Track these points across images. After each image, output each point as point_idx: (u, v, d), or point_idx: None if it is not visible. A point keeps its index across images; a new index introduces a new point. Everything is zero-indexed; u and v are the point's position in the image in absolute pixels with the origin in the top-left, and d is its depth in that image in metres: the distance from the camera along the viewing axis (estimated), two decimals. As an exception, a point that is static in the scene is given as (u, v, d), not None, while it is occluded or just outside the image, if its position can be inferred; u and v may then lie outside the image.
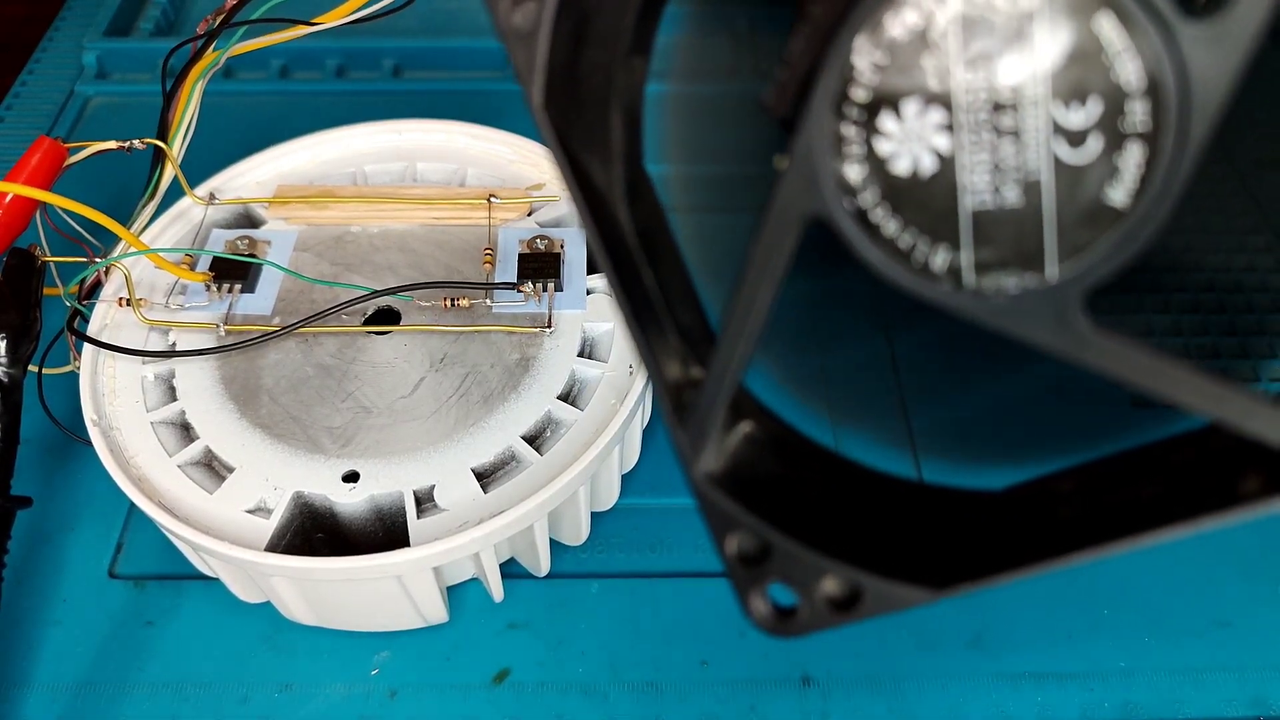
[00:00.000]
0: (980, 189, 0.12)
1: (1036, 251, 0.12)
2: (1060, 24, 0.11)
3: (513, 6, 0.15)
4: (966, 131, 0.12)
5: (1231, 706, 0.26)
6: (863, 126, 0.13)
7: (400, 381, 0.27)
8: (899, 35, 0.12)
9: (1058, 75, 0.12)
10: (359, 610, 0.26)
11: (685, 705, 0.26)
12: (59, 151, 0.29)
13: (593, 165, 0.16)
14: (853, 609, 0.15)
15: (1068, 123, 0.12)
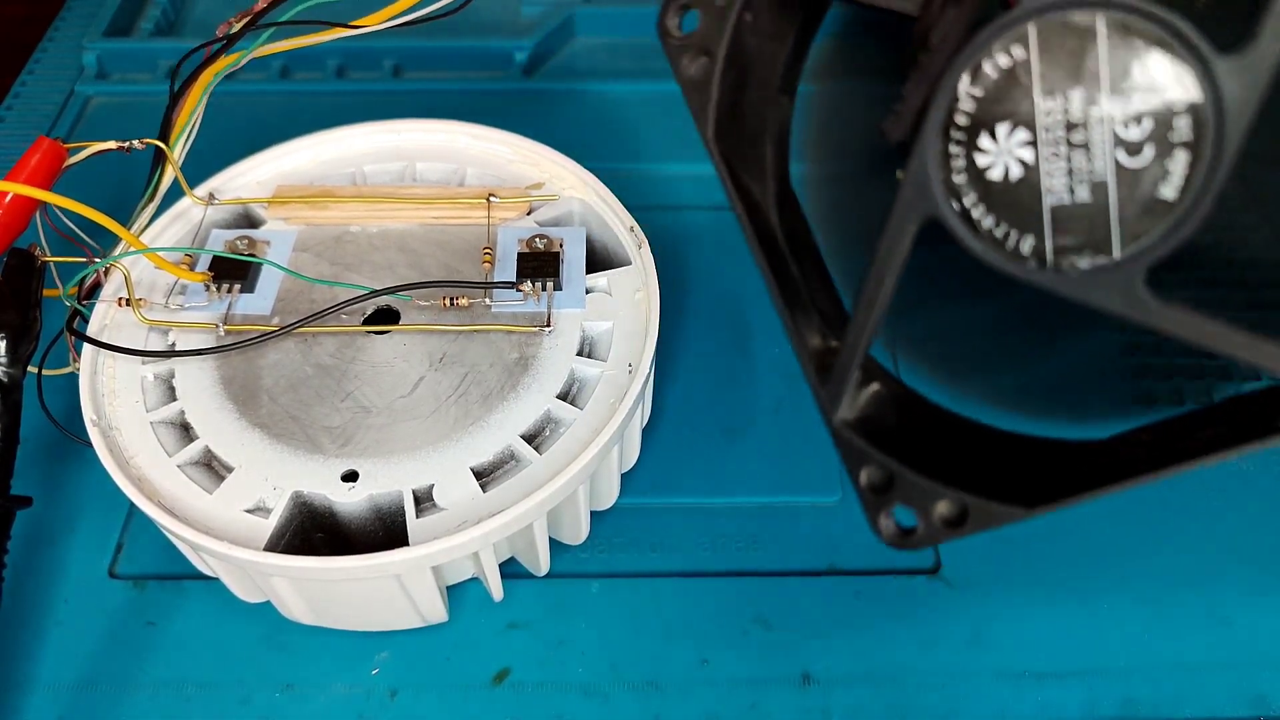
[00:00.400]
0: (1058, 190, 0.16)
1: (1105, 237, 0.15)
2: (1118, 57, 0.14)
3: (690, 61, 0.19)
4: (1046, 146, 0.15)
5: (1231, 704, 0.26)
6: (964, 145, 0.16)
7: (399, 381, 0.27)
8: (991, 74, 0.15)
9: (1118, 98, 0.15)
10: (359, 610, 0.26)
11: (685, 705, 0.26)
12: (59, 152, 0.29)
13: (750, 182, 0.20)
14: (961, 526, 0.18)
15: (1127, 136, 0.15)
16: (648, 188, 0.39)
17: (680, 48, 0.20)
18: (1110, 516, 0.30)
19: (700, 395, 0.33)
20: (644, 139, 0.41)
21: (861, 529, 0.30)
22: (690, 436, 0.32)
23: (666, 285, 0.29)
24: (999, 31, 0.15)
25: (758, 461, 0.31)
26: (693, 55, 0.19)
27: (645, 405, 0.30)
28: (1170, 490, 0.30)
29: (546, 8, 0.47)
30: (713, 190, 0.39)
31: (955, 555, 0.29)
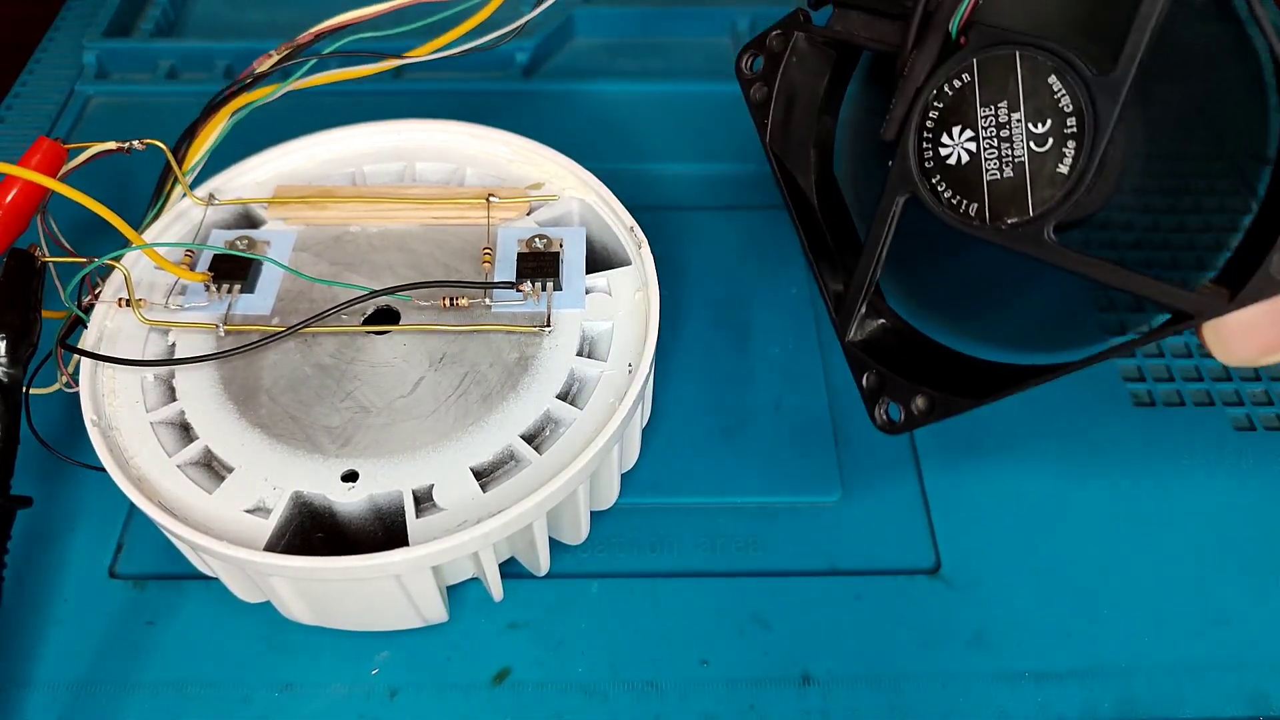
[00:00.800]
0: (992, 170, 0.22)
1: (1024, 201, 0.22)
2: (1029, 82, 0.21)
3: (755, 91, 0.27)
4: (984, 140, 0.22)
5: (1231, 704, 0.26)
6: (931, 142, 0.23)
7: (399, 381, 0.27)
8: (949, 92, 0.22)
9: (1029, 107, 0.21)
10: (358, 610, 0.26)
11: (685, 705, 0.26)
12: (58, 151, 0.29)
13: (798, 175, 0.27)
14: (931, 414, 0.24)
15: (1036, 131, 0.21)
16: (648, 188, 0.39)
17: (749, 81, 0.27)
18: (1110, 516, 0.30)
19: (700, 395, 0.33)
20: (644, 139, 0.41)
21: (861, 529, 0.30)
22: (690, 436, 0.32)
23: (666, 285, 0.29)
24: (954, 65, 0.22)
25: (758, 461, 0.31)
26: (758, 86, 0.27)
27: (645, 405, 0.30)
28: (1169, 491, 0.30)
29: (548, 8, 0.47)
30: (713, 190, 0.39)
31: (955, 556, 0.29)
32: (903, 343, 0.25)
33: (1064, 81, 0.21)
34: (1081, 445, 0.31)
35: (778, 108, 0.26)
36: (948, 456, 0.31)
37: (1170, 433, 0.32)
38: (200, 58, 0.45)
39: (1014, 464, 0.31)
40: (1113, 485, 0.30)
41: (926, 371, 0.24)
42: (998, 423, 0.32)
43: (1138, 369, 0.34)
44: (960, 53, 0.22)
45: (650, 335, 0.27)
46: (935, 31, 0.22)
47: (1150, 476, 0.31)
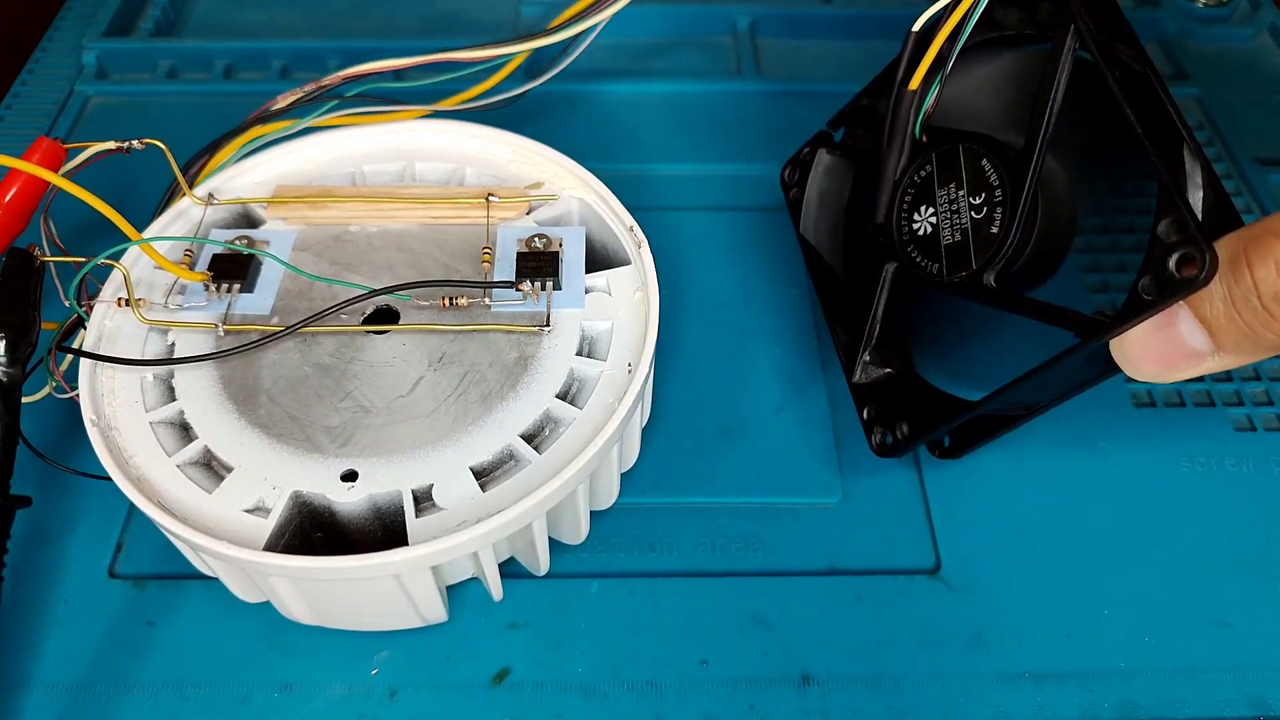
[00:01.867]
0: (947, 236, 0.27)
1: (968, 258, 0.26)
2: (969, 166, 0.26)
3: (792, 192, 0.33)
4: (940, 214, 0.27)
5: (1231, 706, 0.26)
6: (906, 220, 0.28)
7: (399, 381, 0.27)
8: (918, 180, 0.28)
9: (969, 185, 0.26)
10: (358, 610, 0.26)
11: (685, 705, 0.26)
12: (58, 151, 0.29)
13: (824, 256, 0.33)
14: (912, 437, 0.28)
15: (975, 204, 0.26)
16: (648, 188, 0.39)
17: (789, 186, 0.33)
18: (1110, 517, 0.30)
19: (700, 395, 0.33)
20: (644, 139, 0.41)
21: (861, 529, 0.30)
22: (690, 436, 0.32)
23: (666, 285, 0.29)
24: (920, 160, 0.28)
25: (757, 461, 0.31)
26: (795, 190, 0.33)
27: (645, 405, 0.30)
28: (1169, 491, 0.30)
29: (546, 8, 0.47)
30: (712, 190, 0.39)
31: (955, 556, 0.29)
32: (898, 384, 0.29)
33: (992, 163, 0.26)
34: (1082, 446, 0.31)
35: (809, 206, 0.31)
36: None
37: (1170, 433, 0.32)
38: (200, 58, 0.45)
39: (1014, 464, 0.31)
40: (1113, 486, 0.30)
41: (913, 406, 0.29)
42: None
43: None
44: (924, 151, 0.28)
45: (650, 335, 0.27)
46: (901, 136, 0.28)
47: (1150, 477, 0.31)
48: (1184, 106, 0.42)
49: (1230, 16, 0.46)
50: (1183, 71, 0.44)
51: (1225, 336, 0.21)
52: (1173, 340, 0.22)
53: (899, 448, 0.29)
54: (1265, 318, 0.20)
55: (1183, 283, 0.21)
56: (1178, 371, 0.22)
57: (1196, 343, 0.22)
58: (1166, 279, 0.21)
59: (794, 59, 0.45)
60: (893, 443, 0.29)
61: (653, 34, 0.47)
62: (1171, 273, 0.21)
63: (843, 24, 0.46)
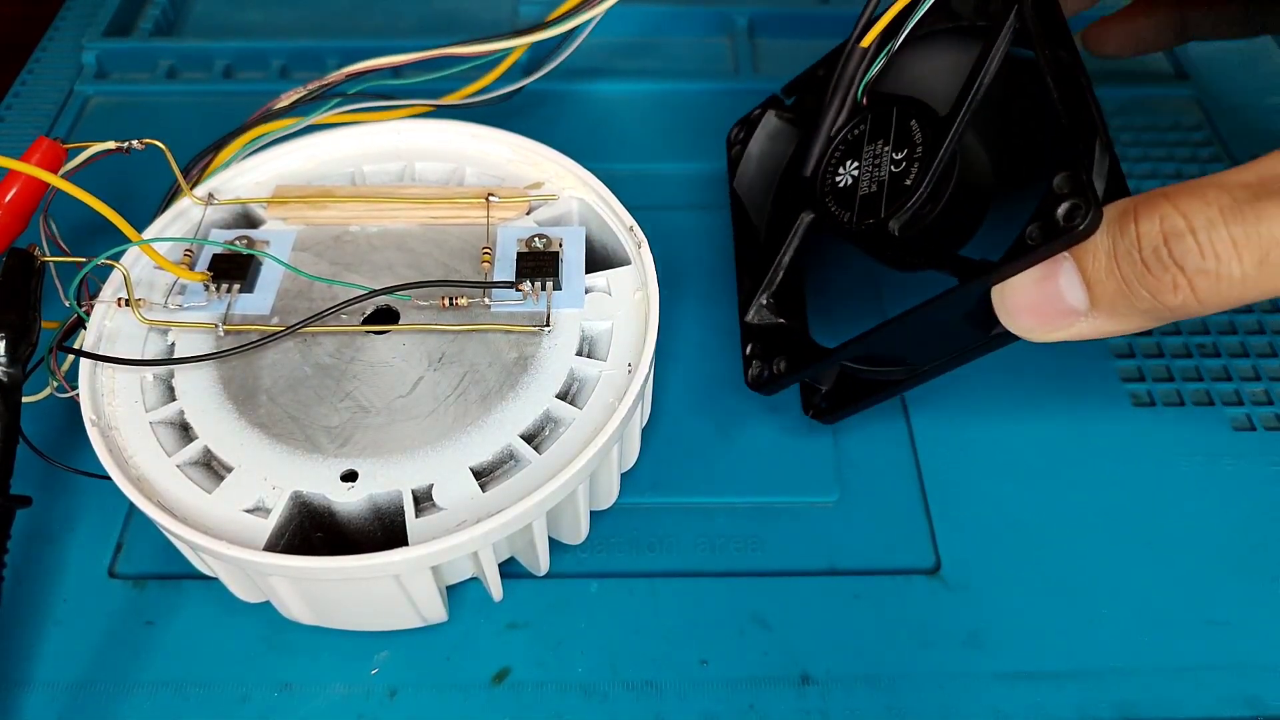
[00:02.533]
0: (864, 187, 0.27)
1: (879, 208, 0.27)
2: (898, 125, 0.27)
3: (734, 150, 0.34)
4: (864, 168, 0.28)
5: (1228, 705, 0.26)
6: (830, 173, 0.29)
7: (398, 381, 0.27)
8: (850, 137, 0.29)
9: (895, 141, 0.27)
10: (358, 610, 0.26)
11: (685, 705, 0.26)
12: (58, 151, 0.29)
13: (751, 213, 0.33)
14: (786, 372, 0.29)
15: (896, 157, 0.27)
16: (648, 188, 0.39)
17: (732, 143, 0.34)
18: (1108, 517, 0.30)
19: (700, 395, 0.33)
20: (644, 139, 0.41)
21: (861, 529, 0.30)
22: (690, 436, 0.32)
23: (666, 285, 0.29)
24: (857, 119, 0.29)
25: (757, 461, 0.31)
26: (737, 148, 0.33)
27: (645, 405, 0.30)
28: (1168, 491, 0.30)
29: (545, 6, 0.47)
30: (712, 190, 0.39)
31: (954, 556, 0.29)
32: (786, 331, 0.30)
33: (919, 124, 0.27)
34: (1080, 445, 0.31)
35: (748, 161, 0.32)
36: (947, 458, 0.31)
37: (1170, 433, 0.32)
38: (200, 58, 0.45)
39: (1013, 464, 0.31)
40: (1112, 485, 0.30)
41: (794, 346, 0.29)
42: (998, 423, 0.32)
43: (1137, 369, 0.34)
44: (861, 112, 0.29)
45: (650, 335, 0.27)
46: (844, 95, 0.29)
47: (1149, 476, 0.31)
48: (1184, 107, 0.42)
49: (1229, 16, 0.46)
50: (1182, 71, 0.44)
51: (1102, 292, 0.22)
52: (1052, 293, 0.22)
53: (774, 382, 0.29)
54: (1141, 271, 0.21)
55: (1065, 230, 0.21)
56: (1053, 327, 0.23)
57: (1074, 298, 0.22)
58: (1051, 225, 0.22)
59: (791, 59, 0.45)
60: (768, 377, 0.29)
61: (651, 33, 0.47)
62: (1057, 220, 0.22)
63: (840, 24, 0.46)
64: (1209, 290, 0.20)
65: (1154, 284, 0.21)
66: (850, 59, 0.28)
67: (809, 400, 0.30)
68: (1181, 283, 0.20)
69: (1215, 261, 0.20)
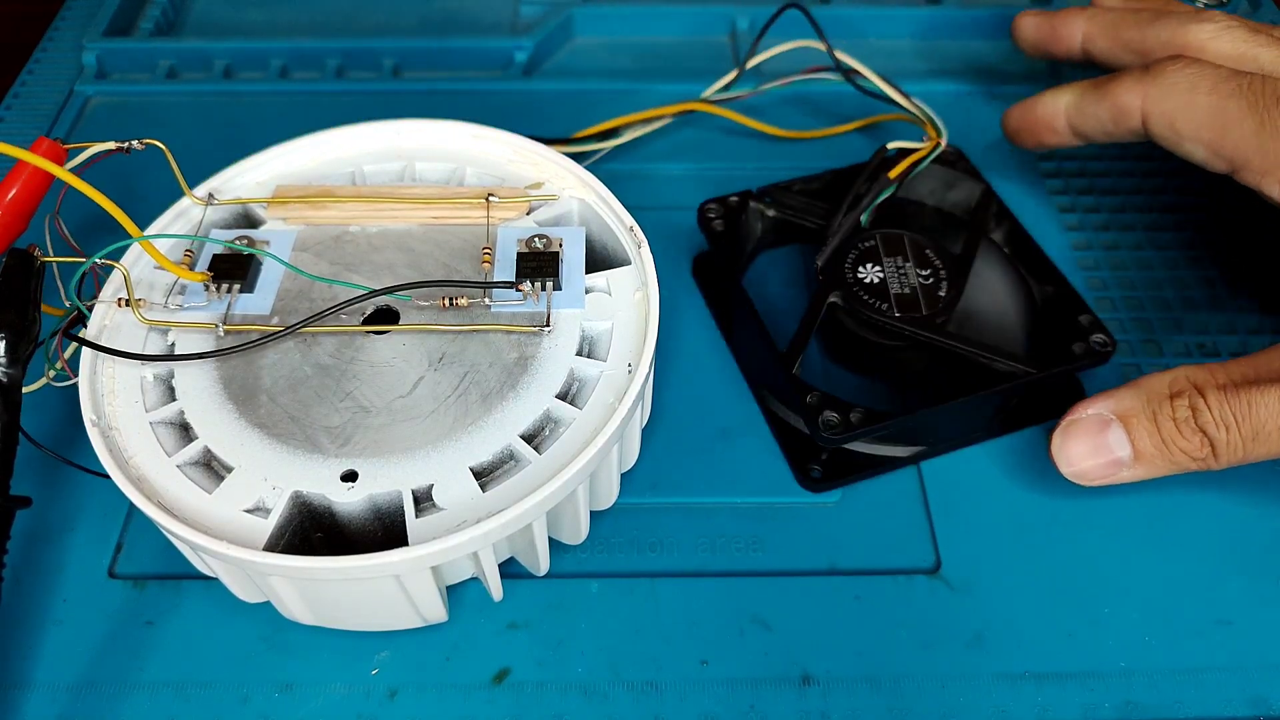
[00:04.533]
0: (895, 288, 0.32)
1: (919, 306, 0.32)
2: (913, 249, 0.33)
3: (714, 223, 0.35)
4: (888, 272, 0.32)
5: (1231, 706, 0.26)
6: (851, 270, 0.33)
7: (398, 381, 0.27)
8: (861, 249, 0.33)
9: (915, 260, 0.33)
10: (358, 610, 0.26)
11: (685, 705, 0.26)
12: (58, 152, 0.29)
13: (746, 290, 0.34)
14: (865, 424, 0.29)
15: (922, 273, 0.32)
16: (648, 188, 0.39)
17: (709, 219, 0.35)
18: (1108, 517, 0.30)
19: (700, 395, 0.33)
20: (643, 139, 0.41)
21: (861, 529, 0.30)
22: (690, 436, 0.32)
23: (666, 285, 0.29)
24: (862, 237, 0.34)
25: (757, 461, 0.31)
26: (718, 222, 0.35)
27: (645, 405, 0.30)
28: (1168, 491, 0.30)
29: (546, 8, 0.47)
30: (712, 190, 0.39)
31: (955, 556, 0.29)
32: None
33: (934, 252, 0.33)
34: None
35: (728, 236, 0.34)
36: (947, 458, 0.31)
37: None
38: (200, 58, 0.45)
39: (1012, 464, 0.31)
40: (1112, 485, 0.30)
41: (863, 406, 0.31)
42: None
43: (1138, 368, 0.34)
44: (865, 231, 0.34)
45: (650, 335, 0.27)
46: (855, 216, 0.34)
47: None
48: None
49: (1230, 16, 0.46)
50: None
51: (1144, 448, 0.28)
52: (1102, 446, 0.28)
53: (847, 431, 0.29)
54: (1173, 434, 0.27)
55: (1100, 353, 0.30)
56: (1100, 471, 0.28)
57: (1121, 452, 0.28)
58: (1090, 349, 0.30)
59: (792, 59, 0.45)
60: (843, 427, 0.29)
61: (652, 34, 0.47)
62: (1092, 345, 0.30)
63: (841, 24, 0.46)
64: (1223, 450, 0.27)
65: (1184, 444, 0.27)
66: (871, 184, 0.34)
67: (801, 470, 0.31)
68: (1205, 443, 0.27)
69: (1225, 431, 0.27)
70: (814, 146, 0.41)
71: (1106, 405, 0.28)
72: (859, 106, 0.41)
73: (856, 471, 0.31)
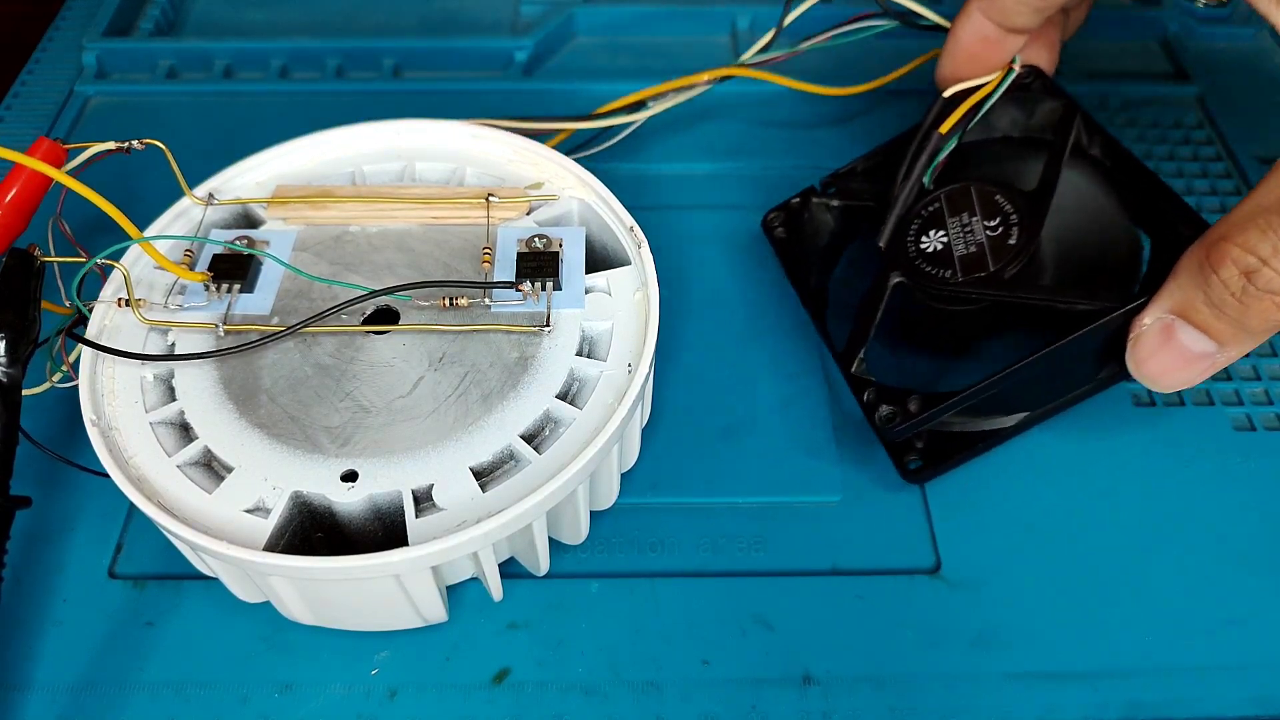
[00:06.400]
0: (959, 249, 0.30)
1: (985, 263, 0.30)
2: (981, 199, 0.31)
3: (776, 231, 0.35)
4: (952, 234, 0.31)
5: (1235, 705, 0.26)
6: (914, 241, 0.31)
7: (399, 381, 0.27)
8: (925, 214, 0.32)
9: (983, 212, 0.31)
10: (358, 610, 0.26)
11: (685, 705, 0.26)
12: (58, 152, 0.29)
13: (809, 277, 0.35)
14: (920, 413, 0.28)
15: (989, 224, 0.31)
16: (648, 188, 0.39)
17: (772, 226, 0.35)
18: (1109, 517, 0.30)
19: (700, 395, 0.33)
20: (644, 139, 0.41)
21: (863, 529, 0.30)
22: (690, 436, 0.32)
23: (666, 285, 0.29)
24: (929, 199, 0.32)
25: (758, 461, 0.31)
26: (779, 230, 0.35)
27: (645, 405, 0.30)
28: (1168, 491, 0.30)
29: (546, 7, 0.47)
30: (712, 190, 0.39)
31: (955, 556, 0.29)
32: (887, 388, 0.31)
33: (1005, 197, 0.31)
34: (1081, 445, 0.31)
35: (792, 242, 0.34)
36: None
37: (1170, 433, 0.32)
38: (200, 58, 0.45)
39: (1013, 464, 0.31)
40: (1113, 485, 0.30)
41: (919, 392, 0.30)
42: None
43: None
44: (929, 193, 0.32)
45: (650, 335, 0.27)
46: (916, 178, 0.32)
47: (1150, 477, 0.31)
48: (1184, 106, 0.42)
49: (1231, 16, 0.46)
50: (1183, 71, 0.44)
51: (1221, 332, 0.25)
52: (1181, 350, 0.26)
53: (907, 422, 0.28)
54: (1241, 308, 0.24)
55: None
56: (1194, 373, 0.26)
57: (1202, 347, 0.26)
58: None
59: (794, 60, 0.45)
60: (901, 418, 0.28)
61: (653, 34, 0.47)
62: None
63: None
64: None
65: (1258, 311, 0.24)
66: (924, 146, 0.33)
67: (901, 463, 0.30)
68: (1274, 298, 0.24)
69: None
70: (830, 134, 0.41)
71: (1161, 307, 0.26)
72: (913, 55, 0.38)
73: (960, 453, 0.30)
